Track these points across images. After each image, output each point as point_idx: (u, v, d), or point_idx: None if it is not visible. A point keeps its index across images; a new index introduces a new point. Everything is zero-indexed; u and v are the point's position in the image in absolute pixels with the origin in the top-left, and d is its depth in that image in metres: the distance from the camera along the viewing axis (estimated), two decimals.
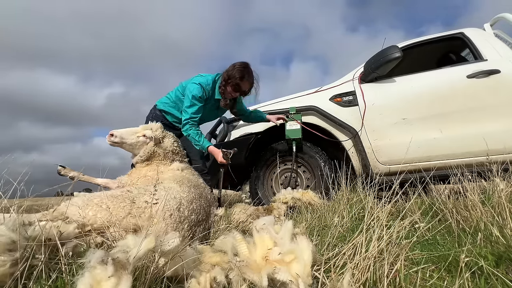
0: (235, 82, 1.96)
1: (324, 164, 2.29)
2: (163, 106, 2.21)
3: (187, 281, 0.73)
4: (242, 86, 1.98)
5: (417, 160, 2.06)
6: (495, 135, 1.94)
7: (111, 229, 1.01)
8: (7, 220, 0.78)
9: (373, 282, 0.72)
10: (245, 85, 1.99)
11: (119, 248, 0.69)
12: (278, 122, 2.32)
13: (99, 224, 1.02)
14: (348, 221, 1.39)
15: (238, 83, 1.97)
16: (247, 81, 1.99)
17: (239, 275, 0.74)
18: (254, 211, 1.79)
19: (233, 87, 1.99)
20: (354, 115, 2.25)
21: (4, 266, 0.69)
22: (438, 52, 2.70)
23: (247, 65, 2.01)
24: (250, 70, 2.01)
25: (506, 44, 2.17)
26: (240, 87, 1.98)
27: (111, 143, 1.77)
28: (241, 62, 2.02)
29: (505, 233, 0.94)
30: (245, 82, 1.98)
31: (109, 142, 1.77)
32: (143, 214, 1.08)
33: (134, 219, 1.06)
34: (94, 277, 0.58)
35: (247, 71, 1.98)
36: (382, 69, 2.16)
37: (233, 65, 2.00)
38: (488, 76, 2.02)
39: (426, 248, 1.07)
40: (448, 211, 1.36)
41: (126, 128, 1.83)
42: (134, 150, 1.79)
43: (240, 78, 1.95)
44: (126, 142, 1.76)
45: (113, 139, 1.75)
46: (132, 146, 1.78)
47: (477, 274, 0.78)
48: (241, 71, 1.96)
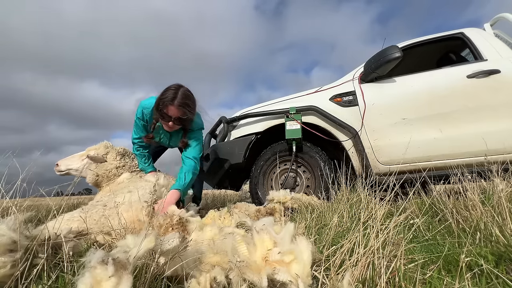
0: (162, 110, 1.64)
1: (324, 164, 2.29)
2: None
3: (187, 281, 0.73)
4: (170, 112, 1.63)
5: (417, 160, 2.06)
6: (495, 135, 1.94)
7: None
8: (8, 219, 0.78)
9: (372, 281, 0.72)
10: (172, 111, 1.62)
11: (119, 248, 0.69)
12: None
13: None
14: (348, 221, 1.39)
15: (165, 110, 1.63)
16: (175, 105, 1.60)
17: (239, 275, 0.74)
18: (255, 212, 1.80)
19: (161, 116, 1.66)
20: (354, 115, 2.25)
21: (5, 267, 0.69)
22: (438, 52, 2.70)
23: (177, 87, 1.65)
24: (180, 92, 1.63)
25: (506, 44, 2.17)
26: (168, 114, 1.63)
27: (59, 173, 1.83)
28: (173, 84, 1.67)
29: (505, 233, 0.94)
30: (171, 108, 1.61)
31: (56, 172, 1.83)
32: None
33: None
34: (94, 277, 0.59)
35: (174, 94, 1.61)
36: (382, 69, 2.16)
37: (164, 89, 1.67)
38: (488, 76, 2.02)
39: (426, 248, 1.08)
40: (448, 211, 1.36)
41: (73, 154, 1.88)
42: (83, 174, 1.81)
43: (166, 103, 1.61)
44: (72, 168, 1.82)
45: (58, 169, 1.82)
46: (79, 171, 1.80)
47: (477, 274, 0.78)
48: (168, 95, 1.62)
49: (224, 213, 1.71)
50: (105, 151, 1.85)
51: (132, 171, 1.88)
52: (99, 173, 1.78)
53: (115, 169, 1.81)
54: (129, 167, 1.88)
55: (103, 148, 1.86)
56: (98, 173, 1.78)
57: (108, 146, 1.89)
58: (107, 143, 1.91)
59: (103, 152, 1.83)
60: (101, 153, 1.82)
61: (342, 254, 0.86)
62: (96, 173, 1.78)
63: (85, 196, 2.00)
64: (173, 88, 1.65)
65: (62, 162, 1.83)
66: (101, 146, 1.88)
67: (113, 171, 1.81)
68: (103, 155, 1.83)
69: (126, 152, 1.95)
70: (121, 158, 1.87)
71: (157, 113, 1.68)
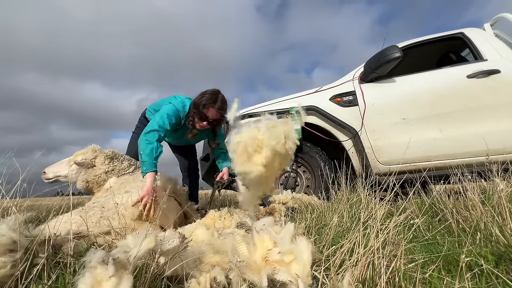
0: (201, 110, 1.76)
1: (324, 164, 2.29)
2: (149, 114, 2.11)
3: (187, 281, 0.73)
4: (209, 113, 1.76)
5: (417, 160, 2.06)
6: (495, 135, 1.94)
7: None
8: (8, 219, 0.78)
9: (372, 281, 0.72)
10: (212, 113, 1.76)
11: (120, 248, 0.69)
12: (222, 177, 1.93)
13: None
14: (348, 221, 1.39)
15: (205, 111, 1.76)
16: (216, 108, 1.76)
17: (239, 275, 0.74)
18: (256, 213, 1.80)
19: (199, 116, 1.78)
20: (354, 115, 2.25)
21: (5, 267, 0.69)
22: (438, 52, 2.70)
23: (217, 92, 1.82)
24: (219, 97, 1.79)
25: (506, 44, 2.17)
26: (207, 115, 1.77)
27: (47, 181, 1.74)
28: (212, 89, 1.83)
29: (505, 233, 0.94)
30: (211, 110, 1.76)
31: (44, 180, 1.74)
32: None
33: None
34: (95, 277, 0.59)
35: (215, 98, 1.77)
36: (382, 69, 2.16)
37: (203, 92, 1.82)
38: (488, 76, 2.02)
39: (426, 248, 1.08)
40: (448, 211, 1.36)
41: (60, 161, 1.80)
42: (73, 180, 1.71)
43: (207, 106, 1.75)
44: (60, 175, 1.74)
45: (45, 177, 1.73)
46: (67, 177, 1.72)
47: (477, 274, 0.78)
48: (209, 98, 1.76)
49: (224, 213, 1.71)
50: (93, 155, 1.75)
51: (120, 175, 1.77)
52: (88, 179, 1.69)
53: (104, 174, 1.72)
54: (118, 170, 1.78)
55: (91, 152, 1.76)
56: (87, 179, 1.69)
57: (96, 150, 1.80)
58: (95, 147, 1.81)
59: (91, 157, 1.74)
60: (89, 158, 1.73)
61: (342, 254, 0.86)
62: (85, 179, 1.69)
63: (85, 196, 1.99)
64: (214, 92, 1.80)
65: (49, 169, 1.74)
66: (89, 150, 1.78)
67: (102, 176, 1.71)
68: (92, 160, 1.73)
69: (115, 155, 1.84)
70: (110, 162, 1.77)
71: (196, 112, 1.79)
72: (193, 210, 1.77)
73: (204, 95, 1.79)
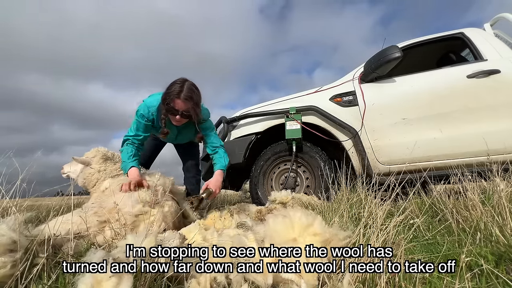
0: (169, 104, 1.64)
1: (324, 164, 2.29)
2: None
3: (187, 281, 0.73)
4: (177, 105, 1.64)
5: (417, 160, 2.06)
6: (495, 135, 1.94)
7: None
8: (8, 219, 0.78)
9: (372, 281, 0.72)
10: (179, 104, 1.63)
11: (120, 248, 0.69)
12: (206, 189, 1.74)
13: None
14: (348, 221, 1.39)
15: (172, 104, 1.64)
16: (181, 98, 1.62)
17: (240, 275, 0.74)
18: (256, 213, 1.80)
19: (170, 111, 1.67)
20: (354, 115, 2.25)
21: (5, 267, 0.69)
22: (438, 52, 2.70)
23: (182, 80, 1.67)
24: (185, 85, 1.64)
25: (506, 44, 2.17)
26: (175, 108, 1.65)
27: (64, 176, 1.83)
28: (177, 78, 1.69)
29: (505, 232, 0.94)
30: (177, 101, 1.63)
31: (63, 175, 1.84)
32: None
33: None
34: (95, 277, 0.59)
35: (180, 88, 1.63)
36: (382, 69, 2.16)
37: (168, 86, 1.68)
38: (488, 76, 2.02)
39: (426, 248, 1.08)
40: (448, 211, 1.36)
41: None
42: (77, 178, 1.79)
43: (173, 98, 1.63)
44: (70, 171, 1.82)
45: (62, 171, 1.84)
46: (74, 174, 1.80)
47: (477, 274, 0.78)
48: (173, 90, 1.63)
49: (224, 213, 1.71)
50: (93, 154, 1.80)
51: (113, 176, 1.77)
52: (84, 177, 1.74)
53: (97, 173, 1.74)
54: (110, 171, 1.78)
55: (93, 152, 1.82)
56: (83, 177, 1.74)
57: (98, 150, 1.84)
58: (99, 148, 1.86)
59: (91, 156, 1.79)
60: (90, 156, 1.78)
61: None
62: (82, 177, 1.75)
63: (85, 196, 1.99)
64: (178, 82, 1.66)
65: (64, 166, 1.87)
66: (93, 150, 1.84)
67: (95, 175, 1.73)
68: (91, 158, 1.78)
69: (113, 156, 1.86)
70: (103, 162, 1.78)
71: (164, 107, 1.68)
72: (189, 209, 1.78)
73: (169, 88, 1.66)
